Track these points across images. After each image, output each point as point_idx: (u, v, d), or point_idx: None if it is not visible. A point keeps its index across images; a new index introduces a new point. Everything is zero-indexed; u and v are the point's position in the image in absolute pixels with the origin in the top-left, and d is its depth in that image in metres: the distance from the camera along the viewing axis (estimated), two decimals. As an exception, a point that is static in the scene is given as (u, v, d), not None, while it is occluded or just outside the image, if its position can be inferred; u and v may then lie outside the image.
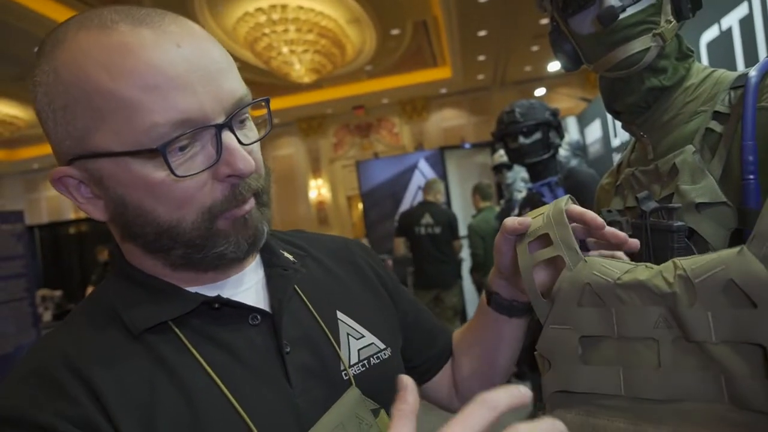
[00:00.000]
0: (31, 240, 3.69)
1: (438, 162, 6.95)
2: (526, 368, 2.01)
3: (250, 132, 0.56)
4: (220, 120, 0.51)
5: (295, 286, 0.63)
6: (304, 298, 0.63)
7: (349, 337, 0.63)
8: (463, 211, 6.22)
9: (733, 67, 1.71)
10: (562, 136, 2.09)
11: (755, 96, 0.66)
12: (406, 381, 0.42)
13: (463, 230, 4.69)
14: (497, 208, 4.25)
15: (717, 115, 0.73)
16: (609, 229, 0.60)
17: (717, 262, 0.48)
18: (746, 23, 1.80)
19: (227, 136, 0.51)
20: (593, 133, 4.50)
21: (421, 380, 0.79)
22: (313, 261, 0.69)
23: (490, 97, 9.53)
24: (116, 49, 0.48)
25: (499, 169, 3.97)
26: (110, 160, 0.50)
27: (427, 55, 8.01)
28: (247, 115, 0.56)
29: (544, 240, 0.60)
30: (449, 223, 4.18)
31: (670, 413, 0.50)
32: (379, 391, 0.61)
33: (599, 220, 0.60)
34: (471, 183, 5.00)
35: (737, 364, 0.47)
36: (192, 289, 0.57)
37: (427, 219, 4.15)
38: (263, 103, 0.57)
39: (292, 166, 10.25)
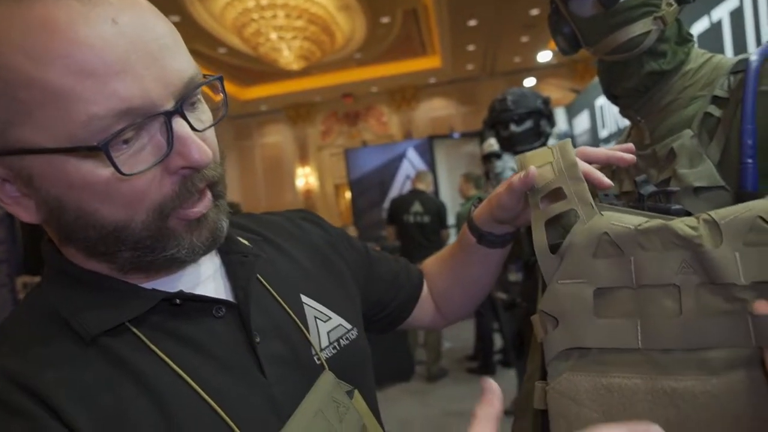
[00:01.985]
0: (12, 225, 3.63)
1: (426, 151, 6.95)
2: (512, 356, 2.04)
3: (203, 115, 0.50)
4: (169, 106, 0.44)
5: (258, 275, 0.60)
6: (266, 284, 0.60)
7: (317, 320, 0.61)
8: (451, 200, 6.24)
9: (724, 58, 1.72)
10: (553, 125, 2.10)
11: (756, 80, 0.66)
12: (492, 385, 0.42)
13: (451, 219, 4.70)
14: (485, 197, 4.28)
15: (716, 100, 0.73)
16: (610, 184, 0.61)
17: (741, 208, 0.48)
18: (736, 15, 1.82)
19: (178, 124, 0.45)
20: (581, 124, 4.53)
21: (399, 321, 0.82)
22: (270, 245, 0.66)
23: (479, 87, 9.52)
24: (38, 26, 0.40)
25: (488, 158, 3.98)
26: (40, 158, 0.43)
27: (416, 44, 7.97)
28: (198, 96, 0.50)
29: (554, 192, 0.60)
30: (438, 212, 4.19)
31: (691, 364, 0.49)
32: (351, 372, 0.60)
33: (607, 180, 0.60)
34: (459, 172, 5.01)
35: (763, 300, 0.47)
36: (147, 285, 0.52)
37: (416, 207, 4.16)
38: (217, 83, 0.51)
39: (280, 153, 10.18)
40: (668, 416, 0.49)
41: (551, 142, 3.82)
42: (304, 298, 0.62)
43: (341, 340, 0.63)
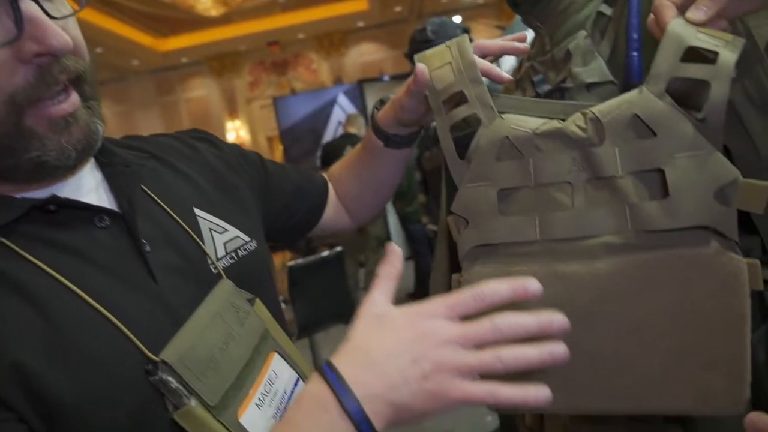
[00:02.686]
0: None
1: (357, 96, 6.86)
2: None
3: (62, 7, 0.48)
4: None
5: (143, 187, 0.58)
6: (155, 197, 0.59)
7: (212, 232, 0.61)
8: (384, 144, 6.23)
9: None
10: (474, 55, 2.11)
11: None
12: (394, 248, 0.47)
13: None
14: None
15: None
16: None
17: (621, 102, 0.53)
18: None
19: (28, 5, 0.42)
20: (508, 60, 4.58)
21: (308, 228, 0.84)
22: (158, 162, 0.64)
23: (408, 30, 9.31)
24: None
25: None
26: None
27: (341, -14, 7.71)
28: None
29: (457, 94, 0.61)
30: (371, 156, 4.19)
31: (580, 250, 0.55)
32: (250, 281, 0.61)
33: (505, 75, 0.63)
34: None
35: (640, 191, 0.52)
36: (18, 196, 0.49)
37: (348, 151, 4.14)
38: None
39: (206, 108, 9.74)
40: (558, 296, 0.55)
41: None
42: (198, 211, 0.62)
43: (239, 251, 0.63)
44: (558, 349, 0.41)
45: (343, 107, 6.92)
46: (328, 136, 6.86)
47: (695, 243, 0.50)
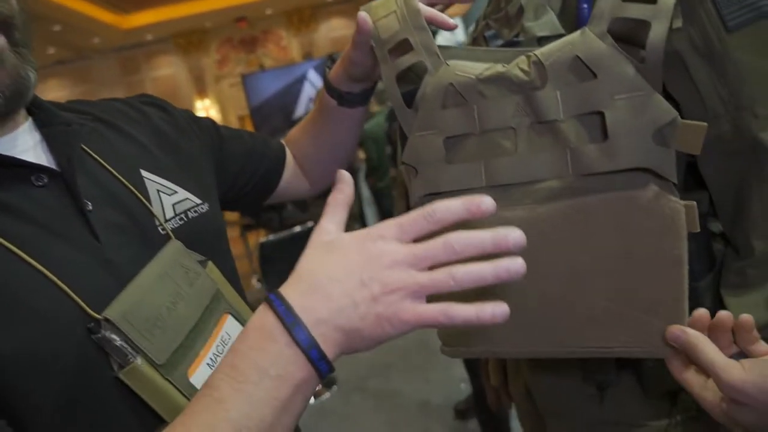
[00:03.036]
0: None
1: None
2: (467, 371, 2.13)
3: None
4: None
5: (86, 148, 0.57)
6: (98, 157, 0.57)
7: (160, 193, 0.60)
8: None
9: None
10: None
11: None
12: (343, 174, 0.45)
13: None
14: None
15: None
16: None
17: (564, 44, 0.52)
18: None
19: None
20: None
21: (267, 192, 0.83)
22: (104, 124, 0.62)
23: (379, 4, 9.25)
24: None
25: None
26: None
27: (309, -42, 7.53)
28: None
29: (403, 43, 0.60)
30: (342, 131, 4.15)
31: (523, 195, 0.55)
32: (202, 243, 0.60)
33: (451, 21, 0.62)
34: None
35: (580, 134, 0.52)
36: None
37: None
38: None
39: (174, 87, 9.51)
40: None
41: (439, 40, 3.87)
42: (145, 173, 0.60)
43: (189, 212, 0.61)
44: (514, 264, 0.39)
45: (314, 83, 6.83)
46: (300, 112, 6.78)
47: (634, 185, 0.50)
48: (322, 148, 0.83)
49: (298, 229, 2.97)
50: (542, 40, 0.73)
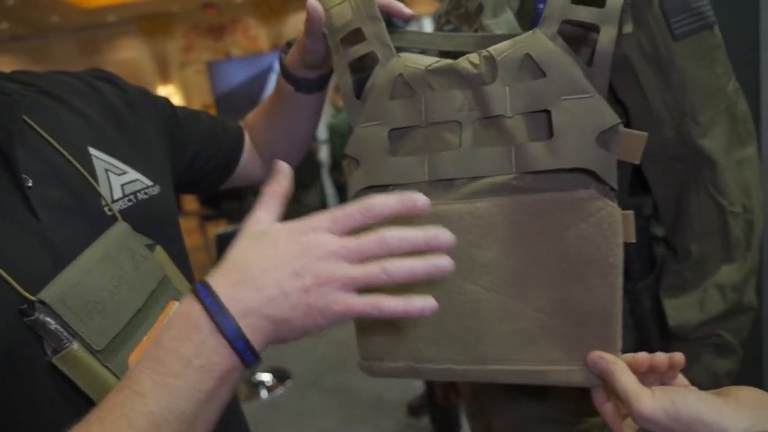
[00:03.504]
0: None
1: (296, 65, 6.70)
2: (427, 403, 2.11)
3: None
4: None
5: (29, 120, 0.54)
6: (41, 131, 0.54)
7: (108, 173, 0.57)
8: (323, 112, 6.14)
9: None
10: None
11: None
12: (282, 165, 0.45)
13: (323, 131, 4.64)
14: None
15: None
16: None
17: (516, 42, 0.52)
18: None
19: None
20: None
21: (225, 175, 0.82)
22: (49, 97, 0.59)
23: (351, 0, 9.19)
24: None
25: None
26: None
27: (281, -52, 7.42)
28: None
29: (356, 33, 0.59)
30: (308, 125, 4.12)
31: (467, 191, 0.54)
32: (152, 227, 0.58)
33: (407, 11, 0.61)
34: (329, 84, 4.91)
35: (526, 131, 0.52)
36: None
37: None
38: None
39: (136, 71, 9.19)
40: None
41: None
42: (93, 150, 0.57)
43: (138, 194, 0.59)
44: (443, 262, 0.40)
45: (281, 74, 6.76)
46: (266, 104, 6.70)
47: (574, 186, 0.51)
48: (279, 133, 0.82)
49: (257, 221, 2.93)
50: (500, 38, 0.74)
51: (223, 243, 2.68)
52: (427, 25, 4.96)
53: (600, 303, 0.51)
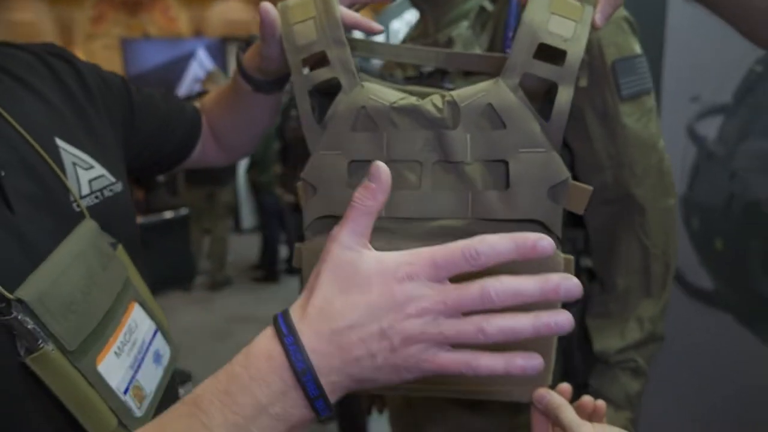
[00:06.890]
0: None
1: (219, 53, 6.47)
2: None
3: None
4: None
5: None
6: (10, 119, 0.51)
7: (76, 167, 0.55)
8: (243, 110, 5.99)
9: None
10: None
11: None
12: (380, 168, 0.38)
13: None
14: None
15: None
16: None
17: (479, 90, 0.54)
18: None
19: None
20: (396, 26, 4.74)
21: (180, 160, 0.80)
22: (13, 80, 0.55)
23: (280, -5, 9.03)
24: None
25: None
26: None
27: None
28: None
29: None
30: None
31: (422, 231, 0.56)
32: (114, 225, 0.56)
33: (376, 26, 0.60)
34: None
35: (484, 180, 0.54)
36: None
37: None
38: None
39: (35, 36, 8.39)
40: None
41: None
42: (60, 142, 0.54)
43: (105, 191, 0.57)
44: (561, 318, 0.35)
45: (203, 63, 6.49)
46: (182, 91, 6.39)
47: None
48: (236, 125, 0.81)
49: (169, 215, 2.79)
50: (468, 74, 0.79)
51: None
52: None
53: (539, 345, 0.53)
